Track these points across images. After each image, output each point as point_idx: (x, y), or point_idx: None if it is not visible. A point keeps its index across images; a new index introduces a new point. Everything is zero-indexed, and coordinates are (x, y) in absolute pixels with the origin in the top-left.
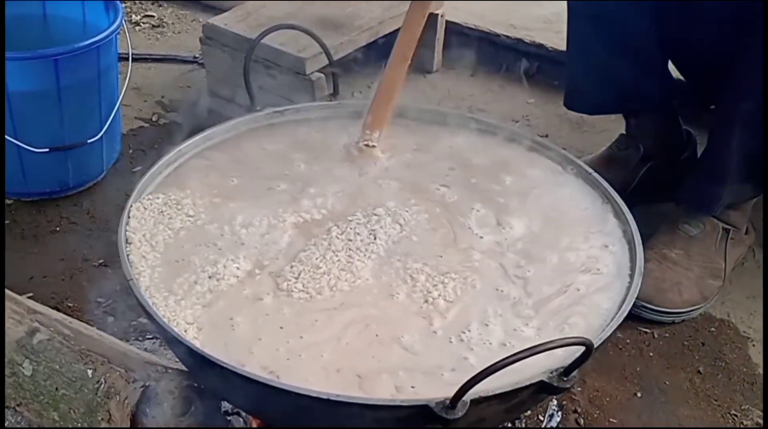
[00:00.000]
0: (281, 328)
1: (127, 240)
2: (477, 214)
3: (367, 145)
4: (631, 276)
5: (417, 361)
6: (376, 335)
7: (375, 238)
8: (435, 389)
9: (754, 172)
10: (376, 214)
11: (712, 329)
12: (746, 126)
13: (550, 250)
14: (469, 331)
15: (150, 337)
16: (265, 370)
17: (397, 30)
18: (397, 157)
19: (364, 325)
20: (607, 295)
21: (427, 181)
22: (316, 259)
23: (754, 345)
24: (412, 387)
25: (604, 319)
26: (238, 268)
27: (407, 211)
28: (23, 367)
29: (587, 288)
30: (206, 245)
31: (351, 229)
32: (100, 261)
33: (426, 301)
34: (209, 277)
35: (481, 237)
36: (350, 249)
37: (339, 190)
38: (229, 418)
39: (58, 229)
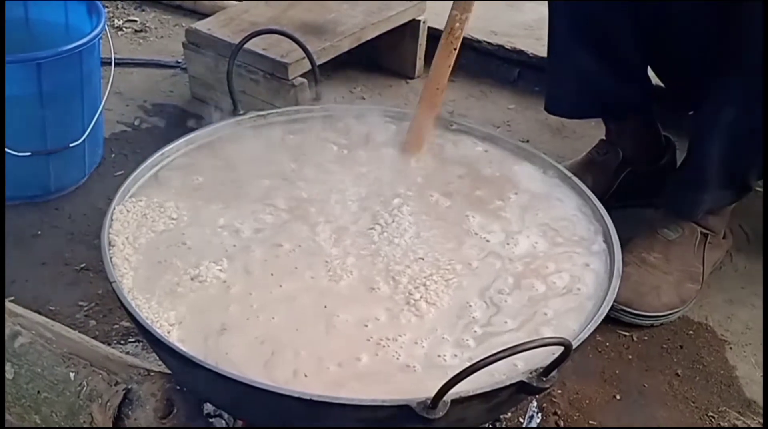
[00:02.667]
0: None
1: (110, 242)
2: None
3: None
4: (609, 282)
5: (321, 346)
6: (325, 306)
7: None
8: (320, 382)
9: (734, 179)
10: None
11: (690, 332)
12: (726, 133)
13: (540, 276)
14: (395, 340)
15: (132, 340)
16: (222, 327)
17: (379, 36)
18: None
19: (316, 301)
20: (574, 317)
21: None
22: (299, 261)
23: (731, 348)
24: (305, 375)
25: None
26: (220, 270)
27: (398, 213)
28: (5, 371)
29: (555, 313)
30: (189, 247)
31: (336, 230)
32: (82, 265)
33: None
34: (191, 279)
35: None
36: (336, 246)
37: (323, 193)
38: (211, 420)
39: (39, 232)
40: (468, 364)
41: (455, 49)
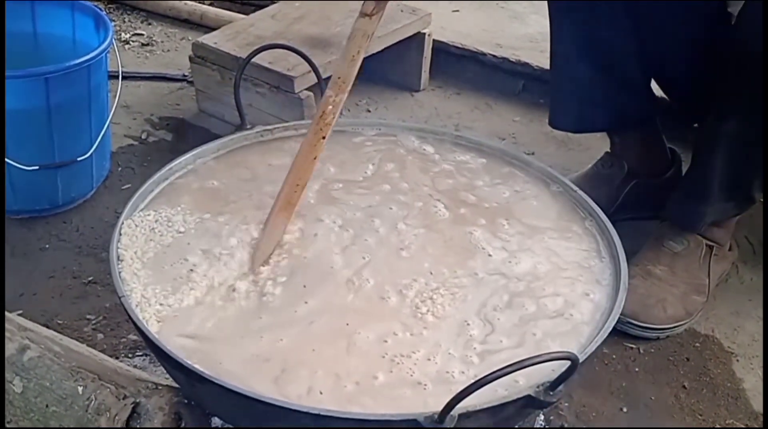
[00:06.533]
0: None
1: (118, 257)
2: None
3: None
4: (615, 295)
5: (337, 363)
6: (348, 325)
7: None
8: (337, 400)
9: (737, 191)
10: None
11: (697, 345)
12: (728, 145)
13: (533, 297)
14: (408, 356)
15: (140, 353)
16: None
17: (385, 50)
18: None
19: (330, 317)
20: (564, 340)
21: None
22: (305, 272)
23: (738, 360)
24: (321, 393)
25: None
26: (229, 285)
27: (404, 225)
28: (14, 384)
29: (545, 335)
30: (196, 262)
31: (344, 244)
32: (90, 278)
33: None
34: (199, 294)
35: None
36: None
37: (329, 205)
38: None
39: (47, 246)
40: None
41: (324, 138)
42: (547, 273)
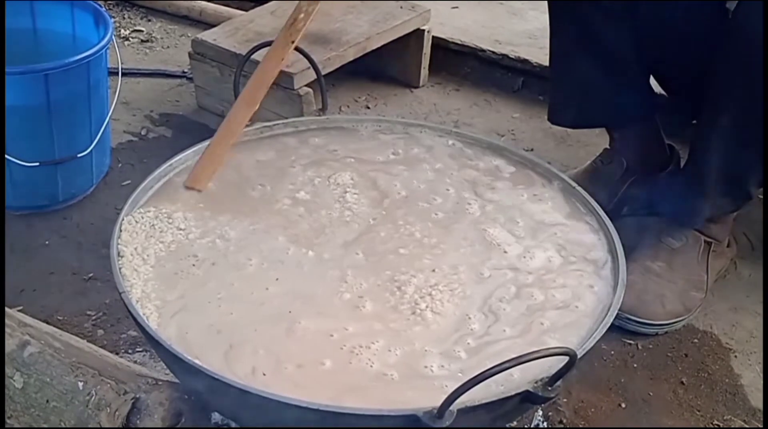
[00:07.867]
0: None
1: (118, 253)
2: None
3: (187, 187)
4: (614, 291)
5: (288, 346)
6: (289, 312)
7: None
8: (281, 382)
9: (734, 187)
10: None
11: (695, 341)
12: (724, 142)
13: (542, 287)
14: (369, 346)
15: (140, 349)
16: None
17: (384, 46)
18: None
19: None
20: (571, 331)
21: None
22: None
23: (736, 356)
24: (264, 374)
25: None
26: (229, 283)
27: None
28: (14, 380)
29: (552, 324)
30: (197, 259)
31: (346, 242)
32: (90, 274)
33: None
34: (199, 291)
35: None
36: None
37: (330, 202)
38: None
39: (47, 242)
40: (460, 374)
41: (293, 42)
42: (553, 266)
